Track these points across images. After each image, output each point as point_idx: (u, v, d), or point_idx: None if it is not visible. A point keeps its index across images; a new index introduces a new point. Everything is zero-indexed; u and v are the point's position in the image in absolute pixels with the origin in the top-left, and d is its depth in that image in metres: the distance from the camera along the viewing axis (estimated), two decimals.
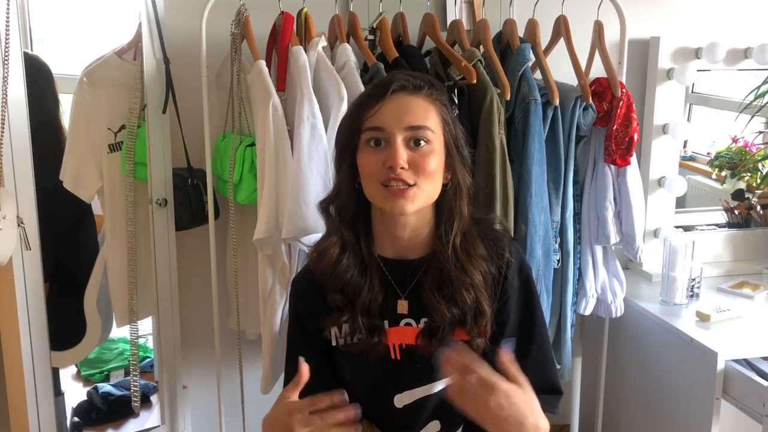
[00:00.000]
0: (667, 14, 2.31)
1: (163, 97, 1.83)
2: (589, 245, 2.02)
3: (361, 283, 1.28)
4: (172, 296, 1.96)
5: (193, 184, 1.91)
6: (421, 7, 1.96)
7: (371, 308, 1.28)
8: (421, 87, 1.25)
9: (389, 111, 1.22)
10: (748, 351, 1.83)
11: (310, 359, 1.29)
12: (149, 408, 2.22)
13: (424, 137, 1.22)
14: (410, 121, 1.22)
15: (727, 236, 2.43)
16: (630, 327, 2.17)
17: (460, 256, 1.27)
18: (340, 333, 1.30)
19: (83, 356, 2.17)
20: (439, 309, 1.26)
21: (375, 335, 1.28)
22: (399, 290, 1.31)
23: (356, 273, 1.28)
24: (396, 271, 1.30)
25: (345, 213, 1.29)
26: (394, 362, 1.30)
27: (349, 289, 1.28)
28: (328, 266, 1.28)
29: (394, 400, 1.31)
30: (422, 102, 1.24)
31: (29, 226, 1.62)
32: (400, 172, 1.20)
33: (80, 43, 2.22)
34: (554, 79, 1.86)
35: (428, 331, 1.28)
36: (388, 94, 1.23)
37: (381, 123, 1.22)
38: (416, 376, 1.29)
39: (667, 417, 2.04)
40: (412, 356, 1.29)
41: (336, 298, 1.29)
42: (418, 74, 1.29)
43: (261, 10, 1.82)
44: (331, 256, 1.28)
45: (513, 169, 1.82)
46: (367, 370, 1.30)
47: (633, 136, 1.90)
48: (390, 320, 1.30)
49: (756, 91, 2.27)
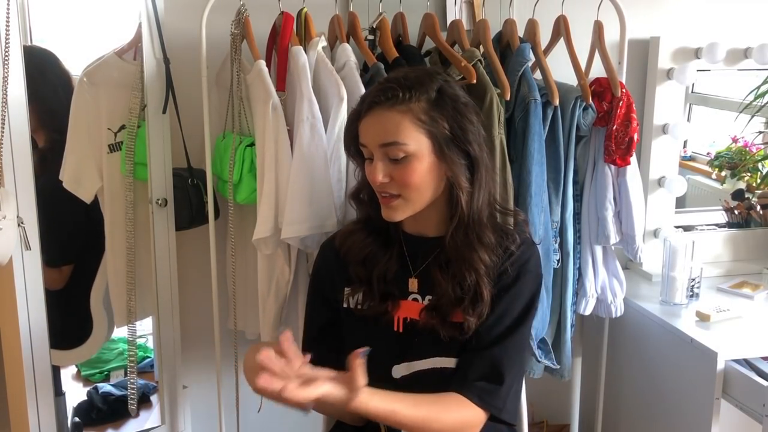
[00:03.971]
0: (667, 14, 2.31)
1: (163, 97, 1.83)
2: (589, 245, 2.02)
3: (380, 255, 1.38)
4: (172, 296, 1.96)
5: (193, 184, 1.91)
6: (421, 7, 1.96)
7: (387, 276, 1.38)
8: (394, 97, 1.26)
9: (366, 128, 1.31)
10: (748, 351, 1.83)
11: (320, 316, 1.44)
12: (149, 408, 2.22)
13: (399, 152, 1.27)
14: (381, 138, 1.28)
15: (727, 236, 2.43)
16: (630, 327, 2.17)
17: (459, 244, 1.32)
18: (353, 297, 1.40)
19: (90, 354, 2.17)
20: (443, 286, 1.33)
21: (387, 303, 1.37)
22: (411, 267, 1.38)
23: (377, 248, 1.39)
24: (413, 247, 1.40)
25: (373, 197, 1.38)
26: (396, 334, 1.37)
27: (369, 261, 1.39)
28: (355, 243, 1.40)
29: (392, 370, 1.36)
30: (394, 116, 1.27)
31: (29, 226, 1.61)
32: (382, 185, 1.30)
33: (80, 43, 2.22)
34: (554, 79, 1.86)
35: (431, 307, 1.35)
36: (364, 111, 1.31)
37: (363, 140, 1.32)
38: (414, 349, 1.35)
39: (667, 417, 2.04)
40: (413, 330, 1.35)
41: (358, 270, 1.39)
42: (395, 77, 1.30)
43: (261, 10, 1.82)
44: (358, 236, 1.40)
45: (513, 169, 1.82)
46: (371, 337, 1.35)
47: (633, 136, 1.90)
48: (400, 293, 1.39)
49: (756, 91, 2.27)
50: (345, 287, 1.42)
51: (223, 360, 2.04)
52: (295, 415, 1.66)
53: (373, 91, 1.31)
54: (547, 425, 2.52)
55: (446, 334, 1.32)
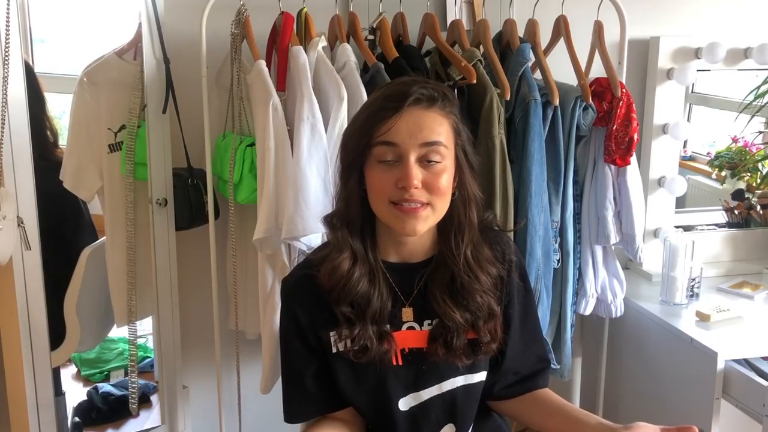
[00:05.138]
0: (667, 14, 2.31)
1: (163, 97, 1.83)
2: (589, 245, 2.02)
3: (370, 292, 1.25)
4: (172, 296, 1.96)
5: (193, 184, 1.91)
6: (421, 7, 1.96)
7: (382, 317, 1.26)
8: (435, 99, 1.21)
9: (404, 126, 1.18)
10: (748, 351, 1.83)
11: (309, 366, 1.31)
12: (149, 408, 2.22)
13: (438, 153, 1.19)
14: (425, 137, 1.18)
15: (727, 236, 2.43)
16: (630, 327, 2.17)
17: (472, 266, 1.27)
18: (339, 339, 1.27)
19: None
20: (453, 316, 1.26)
21: (384, 342, 1.26)
22: (403, 297, 1.30)
23: (366, 283, 1.25)
24: (400, 277, 1.30)
25: (354, 225, 1.26)
26: (396, 367, 1.28)
27: (359, 301, 1.25)
28: (341, 280, 1.24)
29: (399, 404, 1.29)
30: (437, 116, 1.20)
31: (29, 226, 1.61)
32: (413, 192, 1.18)
33: (80, 43, 2.22)
34: (554, 79, 1.86)
35: (438, 334, 1.27)
36: (404, 108, 1.18)
37: (395, 138, 1.18)
38: (423, 378, 1.29)
39: (667, 417, 2.04)
40: (417, 359, 1.28)
41: (346, 311, 1.25)
42: (432, 84, 1.24)
43: (261, 10, 1.82)
44: (343, 271, 1.24)
45: (513, 169, 1.82)
46: (369, 376, 1.28)
47: (633, 136, 1.90)
48: (392, 325, 1.29)
49: (756, 91, 2.27)
50: (330, 331, 1.28)
51: (223, 360, 2.04)
52: None
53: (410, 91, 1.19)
54: None
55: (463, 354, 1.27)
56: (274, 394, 1.88)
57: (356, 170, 1.23)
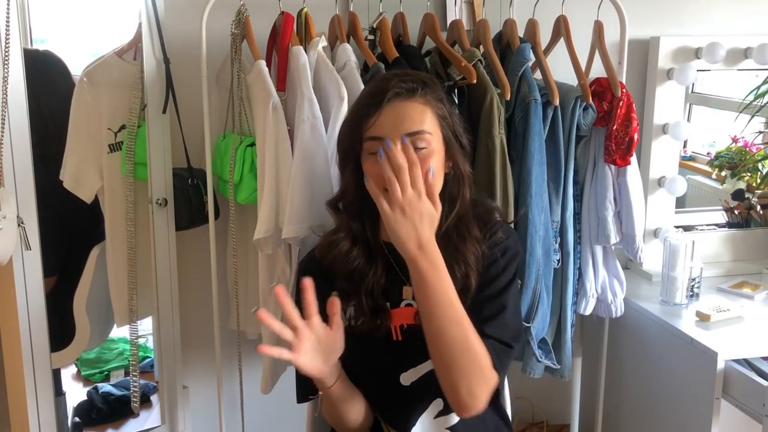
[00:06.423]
0: (667, 14, 2.31)
1: (163, 97, 1.83)
2: (589, 245, 2.02)
3: (366, 268, 1.36)
4: (172, 296, 1.96)
5: (193, 184, 1.91)
6: (421, 7, 1.96)
7: (375, 290, 1.35)
8: (414, 90, 1.29)
9: (386, 120, 1.27)
10: (748, 351, 1.84)
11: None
12: (149, 408, 2.22)
13: (423, 140, 1.27)
14: (408, 127, 1.27)
15: (727, 236, 2.43)
16: (630, 327, 2.17)
17: (453, 237, 1.33)
18: (344, 315, 1.35)
19: (71, 360, 2.15)
20: None
21: (378, 316, 1.34)
22: (403, 276, 1.35)
23: (363, 261, 1.36)
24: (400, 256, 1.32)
25: (353, 208, 1.36)
26: (396, 343, 1.36)
27: (356, 275, 1.35)
28: (338, 256, 1.35)
29: (400, 378, 1.36)
30: (417, 106, 1.29)
31: (29, 226, 1.62)
32: None
33: (80, 43, 2.22)
34: (554, 79, 1.86)
35: None
36: (384, 103, 1.27)
37: (380, 132, 1.27)
38: (419, 353, 1.33)
39: (667, 417, 2.04)
40: (413, 335, 1.34)
41: (344, 285, 1.35)
42: (411, 74, 1.33)
43: (261, 10, 1.82)
44: (341, 248, 1.35)
45: (513, 169, 1.82)
46: (370, 352, 1.35)
47: (633, 136, 1.90)
48: (392, 303, 1.37)
49: (756, 91, 2.27)
50: None
51: (223, 360, 2.04)
52: (296, 416, 1.67)
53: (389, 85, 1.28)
54: (547, 425, 2.52)
55: None
56: (274, 395, 1.89)
57: (352, 161, 1.33)
